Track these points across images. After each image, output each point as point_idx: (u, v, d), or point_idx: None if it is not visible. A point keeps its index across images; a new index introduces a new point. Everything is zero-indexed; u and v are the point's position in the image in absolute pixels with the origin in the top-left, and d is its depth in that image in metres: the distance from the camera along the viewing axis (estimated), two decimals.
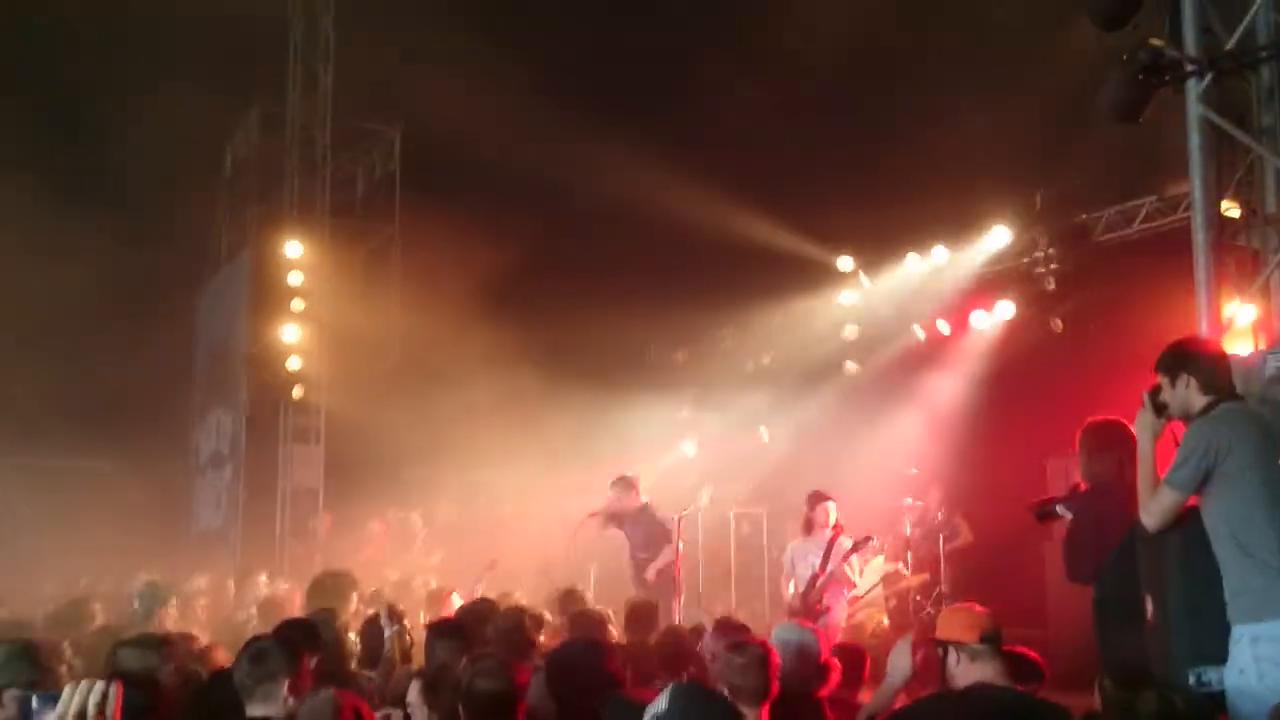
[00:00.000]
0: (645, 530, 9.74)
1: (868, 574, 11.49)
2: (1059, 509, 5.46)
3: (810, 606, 9.00)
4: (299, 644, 4.21)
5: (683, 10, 14.55)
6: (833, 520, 9.40)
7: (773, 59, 13.71)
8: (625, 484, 9.91)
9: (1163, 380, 4.36)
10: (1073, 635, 8.93)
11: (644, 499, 10.07)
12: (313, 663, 4.42)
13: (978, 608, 4.43)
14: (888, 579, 11.18)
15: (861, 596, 11.28)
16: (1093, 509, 5.25)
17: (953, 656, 4.11)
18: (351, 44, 16.01)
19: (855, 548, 9.24)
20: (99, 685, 2.27)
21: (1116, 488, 4.53)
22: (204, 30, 15.05)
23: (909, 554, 11.16)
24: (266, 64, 16.18)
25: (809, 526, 9.49)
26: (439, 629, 5.47)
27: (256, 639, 4.21)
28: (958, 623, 4.20)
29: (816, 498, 9.58)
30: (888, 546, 11.54)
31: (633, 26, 14.86)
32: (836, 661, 4.81)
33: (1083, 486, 5.42)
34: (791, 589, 9.38)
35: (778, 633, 4.81)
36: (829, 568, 9.06)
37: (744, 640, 4.49)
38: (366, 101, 16.43)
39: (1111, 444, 4.94)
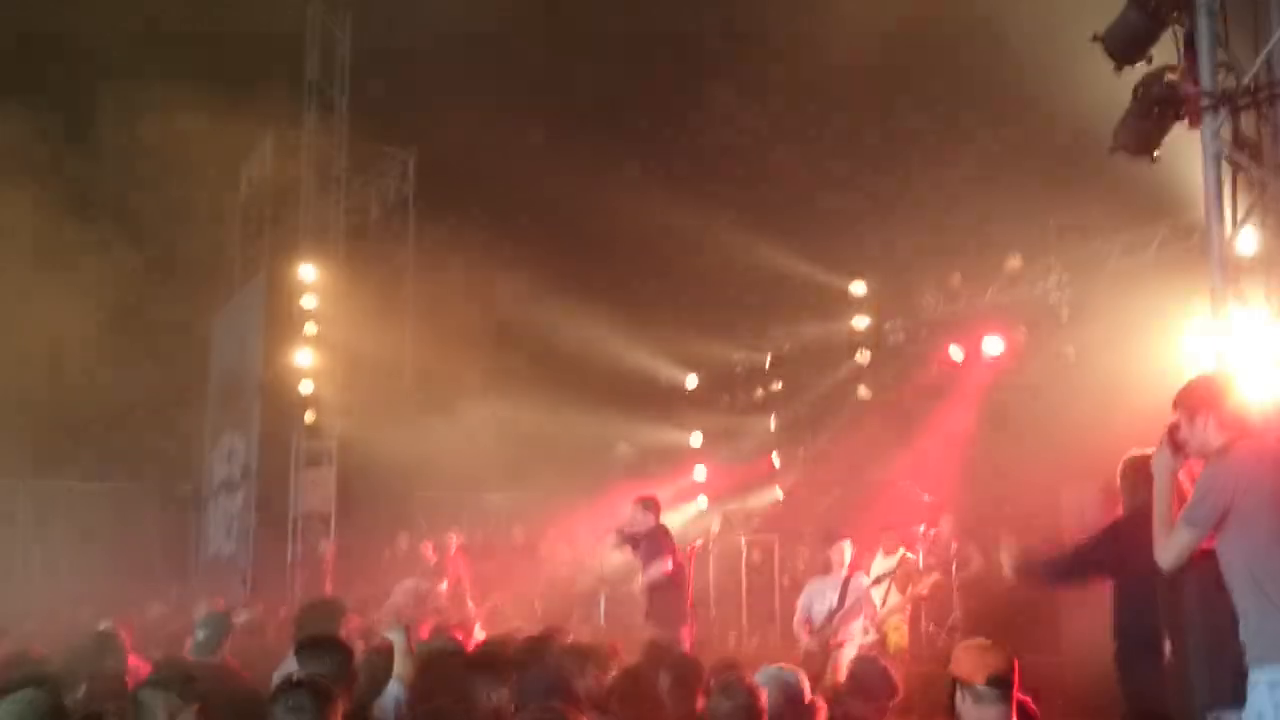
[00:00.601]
0: (648, 548, 9.35)
1: (875, 570, 11.48)
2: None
3: (825, 643, 8.98)
4: (332, 691, 4.12)
5: (697, 39, 14.63)
6: (848, 558, 9.39)
7: (787, 87, 13.77)
8: (643, 504, 9.57)
9: (1181, 418, 4.35)
10: (1087, 663, 8.86)
11: (660, 521, 9.94)
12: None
13: (992, 647, 4.40)
14: (899, 576, 11.10)
15: (882, 603, 11.27)
16: (1136, 527, 5.22)
17: (959, 695, 4.09)
18: (367, 69, 16.11)
19: (874, 584, 9.22)
20: None
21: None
22: (219, 54, 15.16)
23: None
24: (282, 88, 16.27)
25: (827, 566, 9.45)
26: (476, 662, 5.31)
27: (291, 683, 4.11)
28: (968, 661, 4.17)
29: (829, 537, 9.55)
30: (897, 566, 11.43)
31: (647, 55, 14.93)
32: (821, 702, 4.79)
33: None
34: (804, 628, 9.30)
35: (764, 673, 4.80)
36: (845, 605, 9.04)
37: (733, 683, 4.51)
38: (381, 126, 16.51)
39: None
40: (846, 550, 9.42)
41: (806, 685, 4.71)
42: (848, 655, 9.11)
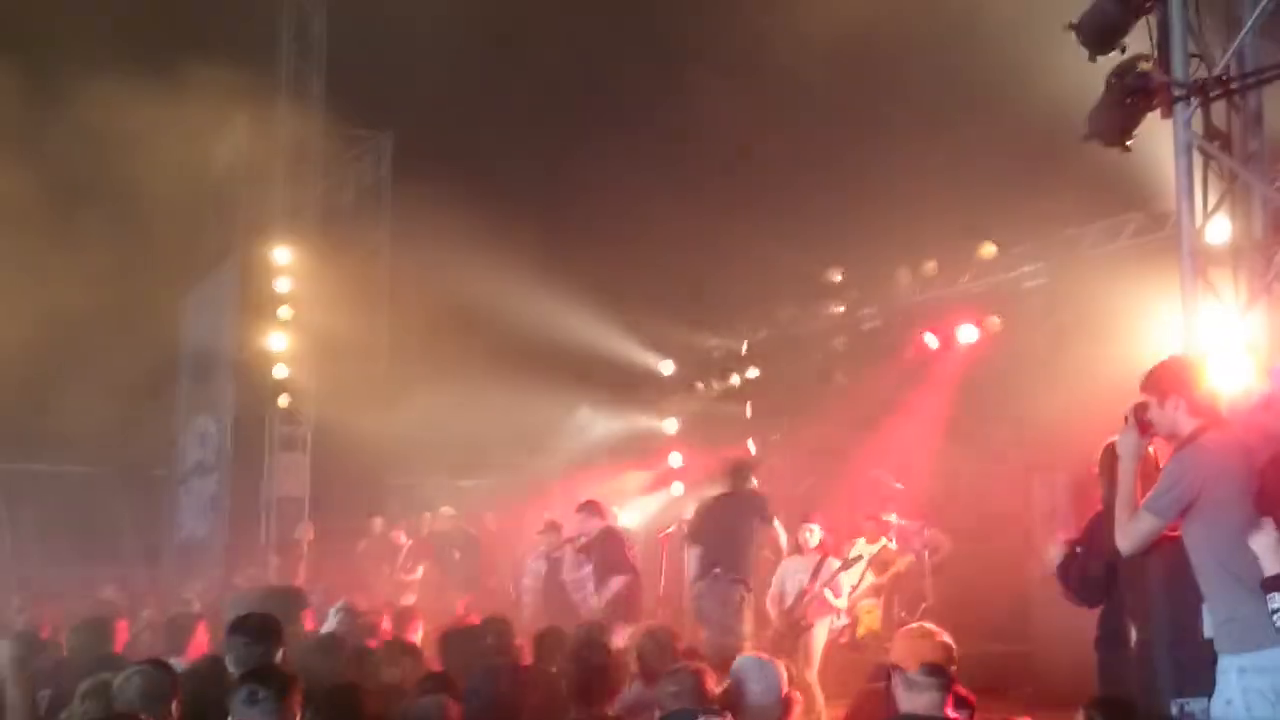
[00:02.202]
0: (599, 556, 9.39)
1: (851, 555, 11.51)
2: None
3: (794, 622, 9.00)
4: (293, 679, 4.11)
5: (675, 22, 14.55)
6: (815, 541, 9.41)
7: (763, 71, 13.72)
8: (585, 511, 9.62)
9: (1150, 399, 4.35)
10: (1056, 652, 8.96)
11: (608, 523, 9.85)
12: None
13: (931, 635, 4.40)
14: (875, 562, 11.16)
15: (856, 586, 11.31)
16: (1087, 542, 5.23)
17: (895, 679, 4.10)
18: (342, 50, 15.96)
19: (844, 567, 9.24)
20: None
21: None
22: (193, 32, 14.99)
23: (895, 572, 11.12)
24: (256, 68, 16.10)
25: (798, 547, 9.48)
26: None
27: (250, 673, 4.13)
28: (906, 648, 4.19)
29: (798, 520, 9.57)
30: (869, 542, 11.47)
31: (624, 38, 14.86)
32: (797, 695, 4.80)
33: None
34: (775, 604, 9.34)
35: (741, 663, 4.80)
36: (816, 585, 9.06)
37: (680, 667, 4.59)
38: (357, 106, 16.38)
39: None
40: (816, 533, 9.43)
41: (785, 676, 4.70)
42: (819, 637, 9.15)
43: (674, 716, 4.17)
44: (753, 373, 15.63)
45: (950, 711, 4.01)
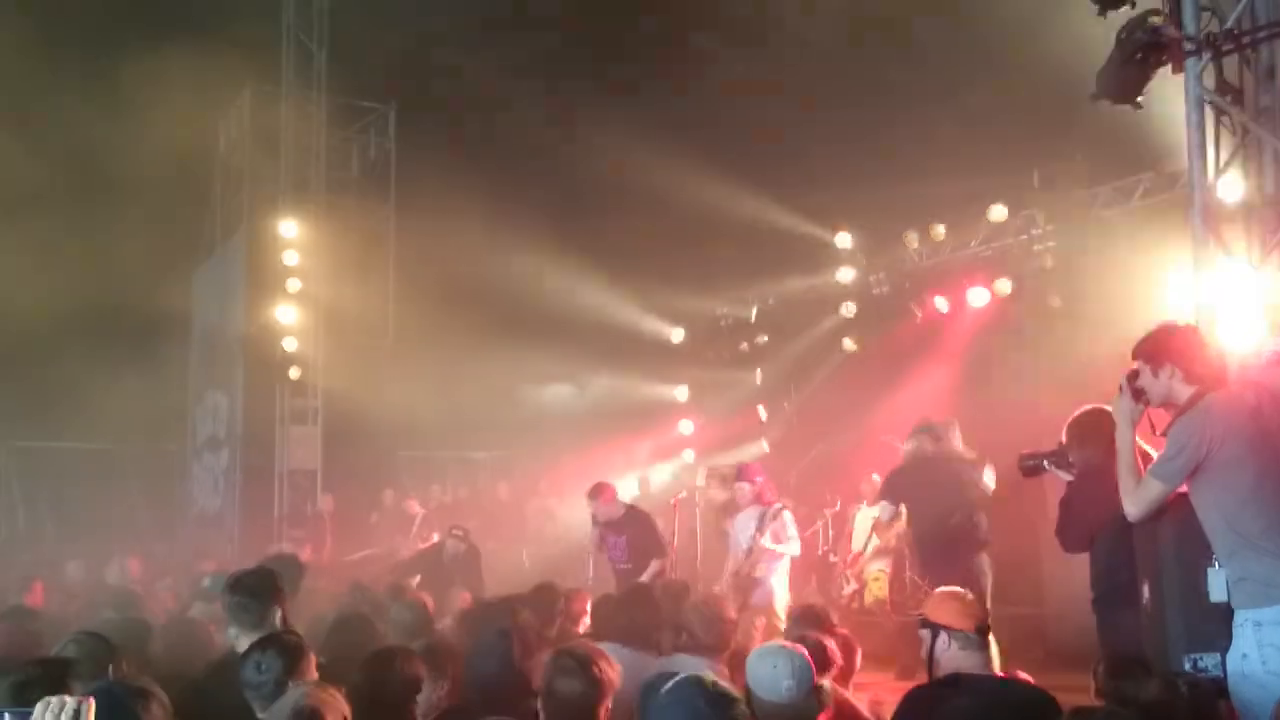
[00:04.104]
0: (629, 539, 9.25)
1: (859, 523, 11.48)
2: (1045, 464, 5.44)
3: (743, 580, 8.85)
4: (302, 646, 4.06)
5: None
6: (748, 496, 9.28)
7: (771, 36, 13.62)
8: (594, 495, 9.41)
9: (1142, 368, 4.30)
10: (1070, 613, 8.95)
11: (628, 503, 9.76)
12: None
13: (970, 596, 4.42)
14: (879, 524, 11.17)
15: (862, 551, 11.30)
16: (1084, 486, 5.24)
17: (943, 641, 4.09)
18: (346, 21, 15.87)
19: (769, 520, 9.05)
20: (70, 702, 2.26)
21: (1108, 466, 4.49)
22: (195, 8, 14.92)
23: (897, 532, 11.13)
24: (260, 41, 16.03)
25: (739, 503, 9.38)
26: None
27: (259, 643, 4.05)
28: (952, 609, 4.18)
29: (735, 474, 9.50)
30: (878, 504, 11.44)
31: (630, 6, 14.75)
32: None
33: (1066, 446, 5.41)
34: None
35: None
36: (760, 538, 8.96)
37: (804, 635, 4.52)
38: (361, 79, 16.31)
39: (1100, 428, 4.90)
40: (745, 490, 9.28)
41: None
42: (778, 587, 9.04)
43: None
44: (762, 339, 15.61)
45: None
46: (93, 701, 2.29)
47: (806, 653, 3.98)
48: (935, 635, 4.14)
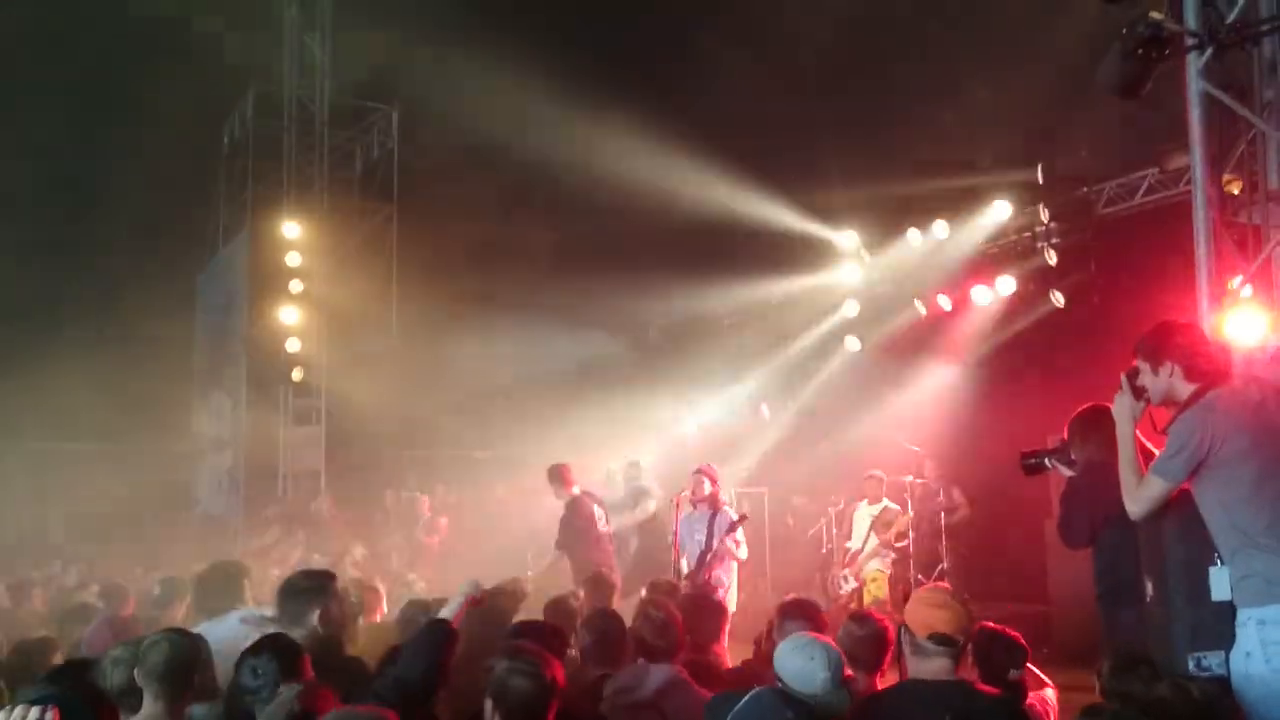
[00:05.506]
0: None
1: (858, 522, 11.45)
2: (1048, 462, 5.41)
3: (700, 585, 8.75)
4: (298, 649, 4.05)
5: None
6: (706, 492, 9.23)
7: (773, 34, 13.59)
8: (701, 474, 9.35)
9: (1143, 366, 4.28)
10: (1075, 609, 8.94)
11: (574, 490, 9.77)
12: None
13: (946, 603, 4.13)
14: (878, 523, 11.14)
15: (861, 549, 11.26)
16: (1086, 482, 5.21)
17: (905, 641, 4.01)
18: (348, 21, 15.89)
19: (733, 527, 9.02)
20: (34, 711, 2.25)
21: (1110, 461, 4.46)
22: (198, 9, 14.93)
23: (911, 532, 11.10)
24: (263, 42, 16.06)
25: (694, 499, 9.29)
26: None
27: (255, 647, 4.02)
28: (918, 612, 4.03)
29: (696, 471, 9.41)
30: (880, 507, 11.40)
31: (631, 4, 14.73)
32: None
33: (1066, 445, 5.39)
34: (685, 564, 9.12)
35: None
36: (714, 545, 8.93)
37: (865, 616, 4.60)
38: (364, 80, 16.32)
39: (1101, 424, 4.87)
40: (705, 484, 9.24)
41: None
42: (731, 589, 9.01)
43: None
44: (765, 338, 15.54)
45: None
46: (57, 711, 2.28)
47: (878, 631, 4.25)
48: (898, 635, 4.08)
